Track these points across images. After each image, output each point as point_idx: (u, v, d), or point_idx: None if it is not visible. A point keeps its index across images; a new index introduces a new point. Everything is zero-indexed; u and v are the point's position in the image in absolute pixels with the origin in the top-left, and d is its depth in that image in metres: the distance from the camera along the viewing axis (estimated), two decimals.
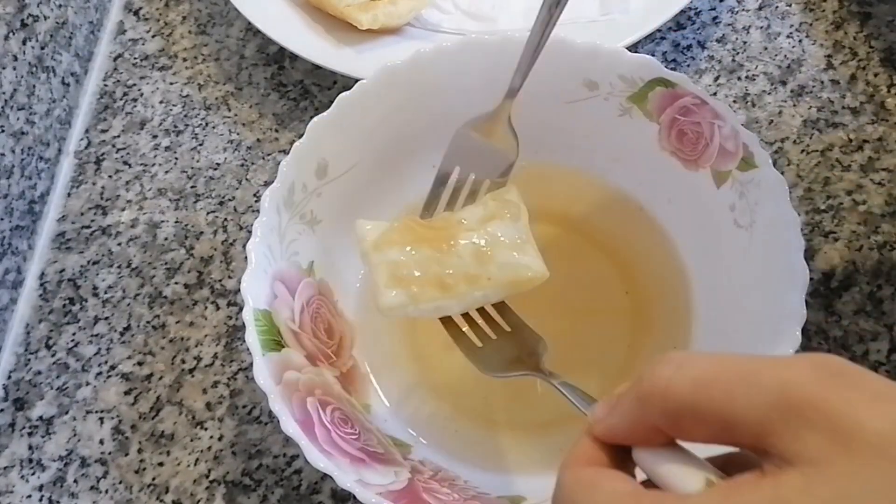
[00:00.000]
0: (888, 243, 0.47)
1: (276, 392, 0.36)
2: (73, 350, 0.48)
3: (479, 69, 0.44)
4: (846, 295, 0.46)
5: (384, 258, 0.38)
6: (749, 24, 0.55)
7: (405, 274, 0.37)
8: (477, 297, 0.38)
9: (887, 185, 0.49)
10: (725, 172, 0.42)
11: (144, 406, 0.46)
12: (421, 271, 0.37)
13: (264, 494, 0.43)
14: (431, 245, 0.38)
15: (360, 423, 0.39)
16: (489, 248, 0.38)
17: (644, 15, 0.52)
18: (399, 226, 0.39)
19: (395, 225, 0.39)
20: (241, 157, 0.53)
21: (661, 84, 0.43)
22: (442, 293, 0.37)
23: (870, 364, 0.44)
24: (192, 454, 0.45)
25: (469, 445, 0.42)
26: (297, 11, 0.55)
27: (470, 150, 0.42)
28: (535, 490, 0.39)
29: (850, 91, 0.52)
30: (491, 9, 0.56)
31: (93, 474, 0.45)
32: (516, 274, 0.38)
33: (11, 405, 0.47)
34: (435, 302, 0.37)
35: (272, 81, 0.56)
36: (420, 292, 0.37)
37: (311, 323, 0.41)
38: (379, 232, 0.39)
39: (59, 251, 0.51)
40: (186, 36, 0.59)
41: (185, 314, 0.49)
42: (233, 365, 0.47)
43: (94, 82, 0.57)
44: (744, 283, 0.41)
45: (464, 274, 0.37)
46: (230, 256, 0.50)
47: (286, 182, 0.42)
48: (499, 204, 0.40)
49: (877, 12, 0.55)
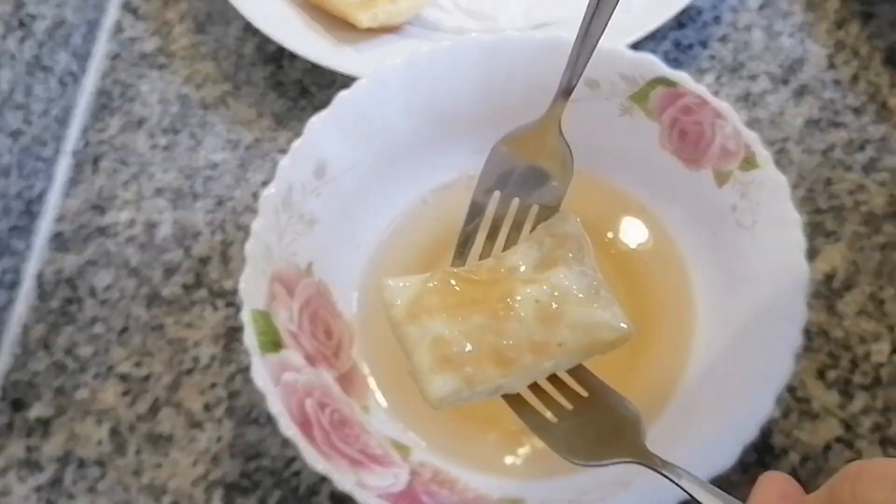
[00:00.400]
0: (890, 244, 0.47)
1: (274, 393, 0.36)
2: (70, 351, 0.48)
3: (479, 68, 0.44)
4: (848, 295, 0.46)
5: (425, 332, 0.31)
6: (751, 23, 0.55)
7: (455, 351, 0.30)
8: (546, 368, 0.31)
9: (889, 185, 0.48)
10: (727, 172, 0.42)
11: (142, 407, 0.46)
12: (473, 345, 0.30)
13: (262, 496, 0.43)
14: (482, 308, 0.31)
15: (359, 425, 0.39)
16: (556, 305, 0.31)
17: (645, 14, 0.52)
18: (437, 284, 0.32)
19: (432, 284, 0.32)
20: (239, 156, 0.53)
21: (662, 83, 0.43)
22: (502, 370, 0.30)
23: (871, 365, 0.44)
24: (189, 455, 0.45)
25: (469, 447, 0.41)
26: (296, 10, 0.55)
27: (511, 170, 0.34)
28: (534, 492, 0.39)
29: (852, 91, 0.52)
30: (491, 7, 0.55)
31: (90, 475, 0.45)
32: (595, 335, 0.31)
33: (9, 406, 0.47)
34: (495, 381, 0.31)
35: (271, 80, 0.56)
36: (475, 373, 0.30)
37: (310, 324, 0.41)
38: (411, 293, 0.32)
39: (56, 251, 0.51)
40: (184, 35, 0.58)
41: (183, 315, 0.48)
42: (231, 366, 0.47)
43: (91, 81, 0.57)
44: (745, 284, 0.41)
45: (528, 342, 0.31)
46: (228, 257, 0.50)
47: (285, 182, 0.41)
48: (556, 240, 0.33)
49: (879, 12, 0.54)
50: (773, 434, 0.43)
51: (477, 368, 0.30)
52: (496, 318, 0.31)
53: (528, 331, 0.31)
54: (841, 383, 0.43)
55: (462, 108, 0.42)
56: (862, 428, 0.42)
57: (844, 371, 0.44)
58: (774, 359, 0.36)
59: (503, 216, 0.35)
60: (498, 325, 0.31)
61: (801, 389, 0.43)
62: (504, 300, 0.31)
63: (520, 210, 0.34)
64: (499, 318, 0.31)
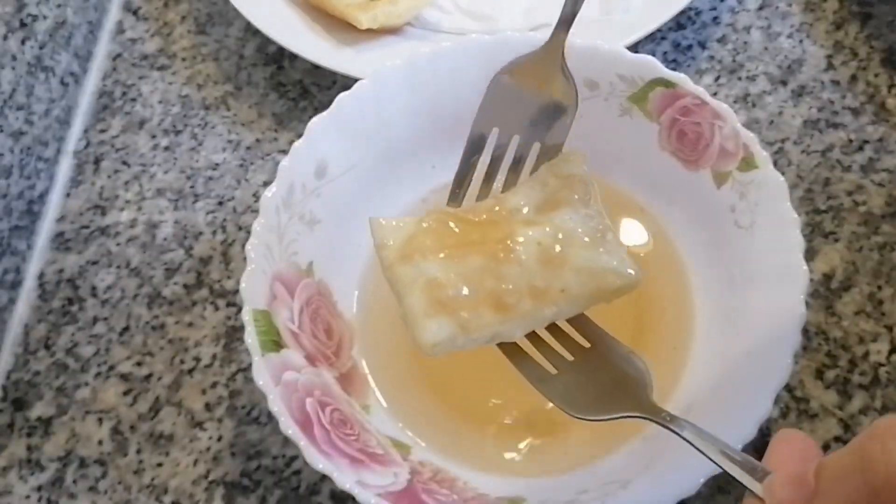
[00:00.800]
0: (888, 244, 0.47)
1: (275, 393, 0.36)
2: (71, 350, 0.48)
3: (479, 69, 0.44)
4: (846, 296, 0.46)
5: (418, 273, 0.29)
6: (749, 24, 0.55)
7: (450, 295, 0.28)
8: (547, 316, 0.29)
9: (888, 185, 0.49)
10: (726, 173, 0.42)
11: (143, 406, 0.46)
12: (470, 289, 0.28)
13: (263, 495, 0.43)
14: (480, 250, 0.29)
15: (360, 424, 0.39)
16: (560, 248, 0.29)
17: (644, 15, 0.52)
18: (432, 224, 0.30)
19: (427, 224, 0.30)
20: (240, 157, 0.53)
21: (661, 84, 0.43)
22: (501, 316, 0.28)
23: (870, 365, 0.44)
24: (190, 455, 0.45)
25: (469, 446, 0.41)
26: (297, 11, 0.55)
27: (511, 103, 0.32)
28: (534, 491, 0.39)
29: (851, 91, 0.52)
30: (491, 8, 0.55)
31: (91, 475, 0.45)
32: (600, 281, 0.29)
33: (10, 405, 0.47)
34: (492, 328, 0.29)
35: (271, 81, 0.56)
36: (472, 318, 0.28)
37: (311, 323, 0.41)
38: (404, 233, 0.30)
39: (57, 251, 0.51)
40: (185, 35, 0.59)
41: (184, 315, 0.49)
42: (232, 365, 0.47)
43: (92, 82, 0.57)
44: (744, 284, 0.41)
45: (528, 287, 0.29)
46: (229, 257, 0.50)
47: (285, 182, 0.41)
48: (561, 181, 0.31)
49: (877, 13, 0.54)
50: (772, 434, 0.43)
51: (473, 314, 0.28)
52: (495, 260, 0.28)
53: (529, 275, 0.28)
54: (839, 383, 0.44)
55: (462, 108, 0.42)
56: (860, 428, 0.43)
57: (843, 371, 0.44)
58: (773, 358, 0.37)
59: (501, 156, 0.32)
60: (497, 268, 0.28)
61: (800, 389, 0.44)
62: (504, 242, 0.28)
63: (520, 148, 0.32)
64: (498, 261, 0.28)
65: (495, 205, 0.30)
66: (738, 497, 0.41)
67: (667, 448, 0.37)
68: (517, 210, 0.30)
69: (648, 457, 0.38)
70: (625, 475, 0.38)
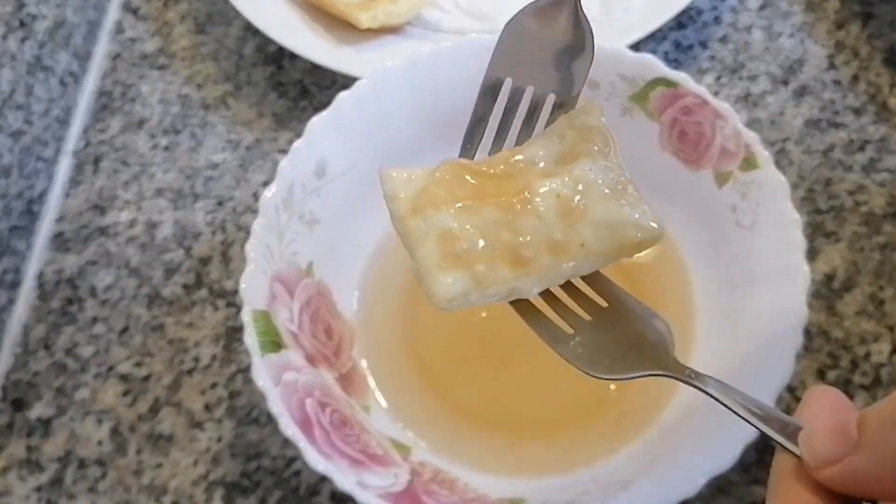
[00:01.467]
0: (890, 244, 0.47)
1: (274, 393, 0.36)
2: (71, 351, 0.48)
3: (479, 68, 0.43)
4: (848, 296, 0.46)
5: (431, 226, 0.28)
6: (751, 23, 0.55)
7: (465, 248, 0.27)
8: (565, 271, 0.28)
9: (889, 185, 0.49)
10: (727, 173, 0.42)
11: (143, 407, 0.46)
12: (486, 241, 0.27)
13: (263, 496, 0.43)
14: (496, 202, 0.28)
15: (360, 425, 0.39)
16: (580, 200, 0.28)
17: (645, 14, 0.52)
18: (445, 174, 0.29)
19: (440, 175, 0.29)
20: (239, 156, 0.53)
21: (662, 84, 0.43)
22: (517, 270, 0.27)
23: (871, 365, 0.44)
24: (190, 455, 0.45)
25: (469, 447, 0.41)
26: (297, 10, 0.55)
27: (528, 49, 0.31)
28: (535, 492, 0.39)
29: (852, 91, 0.52)
30: (491, 8, 0.55)
31: (91, 475, 0.45)
32: (621, 235, 0.28)
33: (9, 406, 0.47)
34: (508, 283, 0.28)
35: (271, 81, 0.56)
36: (488, 273, 0.27)
37: (311, 324, 0.41)
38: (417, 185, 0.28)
39: (57, 251, 0.51)
40: (185, 35, 0.58)
41: (184, 315, 0.48)
42: (231, 366, 0.47)
43: (92, 82, 0.57)
44: (745, 284, 0.41)
45: (546, 241, 0.27)
46: (229, 257, 0.50)
47: (285, 182, 0.41)
48: (580, 133, 0.29)
49: (879, 12, 0.54)
50: None
51: (490, 268, 0.27)
52: (512, 212, 0.27)
53: (548, 228, 0.27)
54: (841, 383, 0.43)
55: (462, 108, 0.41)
56: None
57: (844, 371, 0.44)
58: (774, 359, 0.36)
59: (514, 108, 0.31)
60: (514, 221, 0.27)
61: (802, 389, 0.43)
62: (521, 194, 0.27)
63: (535, 99, 0.31)
64: (515, 213, 0.27)
65: (511, 156, 0.29)
66: (738, 497, 0.41)
67: (668, 449, 0.37)
68: (534, 162, 0.29)
69: (649, 458, 0.38)
70: (625, 476, 0.38)
